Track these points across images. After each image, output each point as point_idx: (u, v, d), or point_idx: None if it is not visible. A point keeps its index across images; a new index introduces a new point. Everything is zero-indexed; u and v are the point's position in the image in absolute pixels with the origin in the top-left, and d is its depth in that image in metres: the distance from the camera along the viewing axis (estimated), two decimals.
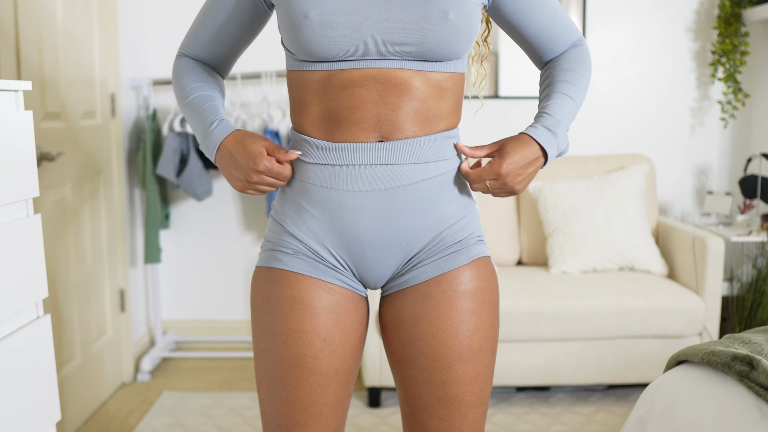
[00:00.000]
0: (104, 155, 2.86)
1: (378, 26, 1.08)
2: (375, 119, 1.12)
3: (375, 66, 1.11)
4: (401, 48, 1.10)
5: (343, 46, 1.08)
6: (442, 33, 1.09)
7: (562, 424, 2.58)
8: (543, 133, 1.15)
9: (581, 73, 1.25)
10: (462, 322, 1.16)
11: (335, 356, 1.16)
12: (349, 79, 1.11)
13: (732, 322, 3.24)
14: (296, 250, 1.17)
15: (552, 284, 2.78)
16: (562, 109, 1.19)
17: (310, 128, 1.15)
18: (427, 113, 1.15)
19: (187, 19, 3.35)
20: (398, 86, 1.12)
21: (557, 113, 1.18)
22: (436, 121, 1.16)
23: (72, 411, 2.52)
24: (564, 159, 3.22)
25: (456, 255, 1.18)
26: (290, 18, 1.09)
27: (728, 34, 3.24)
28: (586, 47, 1.29)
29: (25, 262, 1.32)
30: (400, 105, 1.12)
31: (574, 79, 1.23)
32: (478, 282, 1.18)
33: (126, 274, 3.05)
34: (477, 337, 1.17)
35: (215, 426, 2.58)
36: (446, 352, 1.16)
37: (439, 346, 1.16)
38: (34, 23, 2.28)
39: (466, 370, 1.16)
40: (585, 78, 1.25)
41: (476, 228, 1.22)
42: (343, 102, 1.11)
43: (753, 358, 1.45)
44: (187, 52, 1.29)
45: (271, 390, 1.17)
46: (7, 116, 1.28)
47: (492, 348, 1.20)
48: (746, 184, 3.16)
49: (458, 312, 1.16)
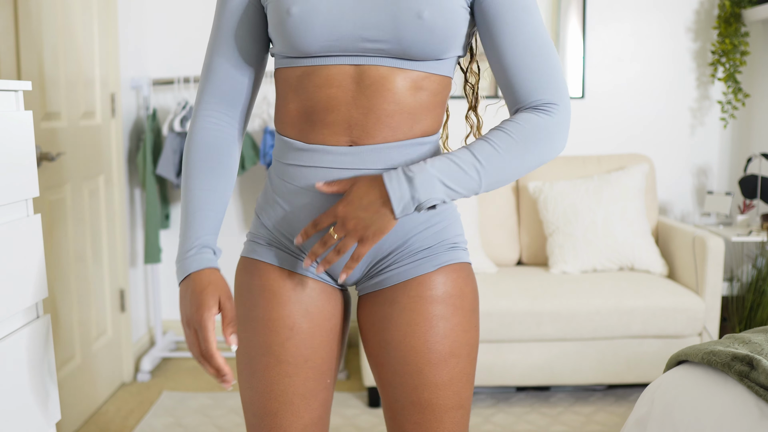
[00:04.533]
0: (104, 155, 2.86)
1: (354, 22, 1.08)
2: (347, 122, 1.11)
3: (353, 63, 1.10)
4: (377, 45, 1.08)
5: (322, 41, 1.08)
6: (416, 32, 1.07)
7: (562, 424, 2.58)
8: (396, 177, 1.05)
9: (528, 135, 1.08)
10: (430, 327, 1.15)
11: (303, 345, 1.17)
12: (327, 77, 1.11)
13: (732, 322, 3.24)
14: (269, 242, 1.20)
15: (552, 284, 2.78)
16: (461, 157, 1.06)
17: (288, 128, 1.16)
18: (401, 117, 1.12)
19: (186, 19, 3.36)
20: (373, 85, 1.10)
21: (444, 161, 1.06)
22: (411, 126, 1.13)
23: (72, 411, 2.52)
24: (564, 159, 3.22)
25: (423, 262, 1.16)
26: (275, 14, 1.11)
27: (728, 34, 3.24)
28: (559, 117, 1.10)
29: (25, 262, 1.32)
30: (373, 108, 1.10)
31: (515, 131, 1.08)
32: (447, 287, 1.16)
33: (126, 274, 3.05)
34: (447, 341, 1.15)
35: (215, 426, 2.58)
36: (415, 357, 1.16)
37: (408, 351, 1.16)
38: (34, 23, 2.28)
39: (438, 374, 1.16)
40: (529, 143, 1.08)
41: (451, 235, 1.19)
42: (318, 103, 1.11)
43: (753, 358, 1.45)
44: (206, 98, 1.19)
45: (243, 378, 1.20)
46: (7, 116, 1.28)
47: (467, 352, 1.18)
48: (746, 184, 3.16)
49: (426, 317, 1.15)
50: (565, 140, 1.12)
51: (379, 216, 1.05)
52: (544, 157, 1.11)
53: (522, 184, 3.19)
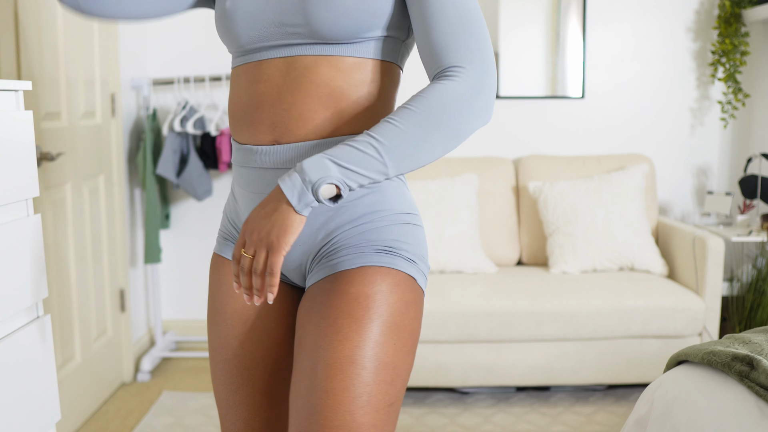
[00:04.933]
0: (104, 155, 2.86)
1: (273, 8, 1.05)
2: (270, 120, 1.08)
3: (281, 55, 1.06)
4: (295, 29, 1.04)
5: (249, 31, 1.07)
6: (324, 10, 1.01)
7: (562, 424, 2.58)
8: (289, 172, 0.98)
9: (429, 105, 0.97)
10: (334, 325, 1.02)
11: (258, 342, 1.16)
12: (258, 72, 1.08)
13: (732, 322, 3.24)
14: (227, 236, 1.22)
15: (552, 284, 2.78)
16: (356, 138, 0.98)
17: (231, 126, 1.17)
18: (326, 112, 1.05)
19: (186, 19, 3.36)
20: (298, 78, 1.05)
21: (339, 146, 0.98)
22: (338, 122, 1.06)
23: (72, 411, 2.52)
24: (564, 159, 3.22)
25: (345, 259, 1.06)
26: (217, 10, 1.12)
27: (728, 34, 3.24)
28: (466, 82, 0.98)
29: (25, 262, 1.32)
30: (296, 103, 1.05)
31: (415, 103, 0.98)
32: (364, 289, 1.03)
33: (126, 274, 3.05)
34: (349, 345, 1.00)
35: (215, 426, 2.58)
36: (315, 355, 1.02)
37: (311, 347, 1.03)
38: (34, 23, 2.28)
39: (331, 380, 0.99)
40: (431, 114, 0.97)
41: (386, 238, 1.07)
42: (248, 100, 1.10)
43: (753, 358, 1.45)
44: None
45: (211, 371, 1.21)
46: (7, 116, 1.28)
47: (375, 367, 1.00)
48: (746, 184, 3.16)
49: (333, 314, 1.02)
50: (481, 108, 0.99)
51: (279, 214, 0.97)
52: (455, 128, 0.98)
53: (522, 184, 3.20)
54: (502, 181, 3.18)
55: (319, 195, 0.96)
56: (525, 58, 3.37)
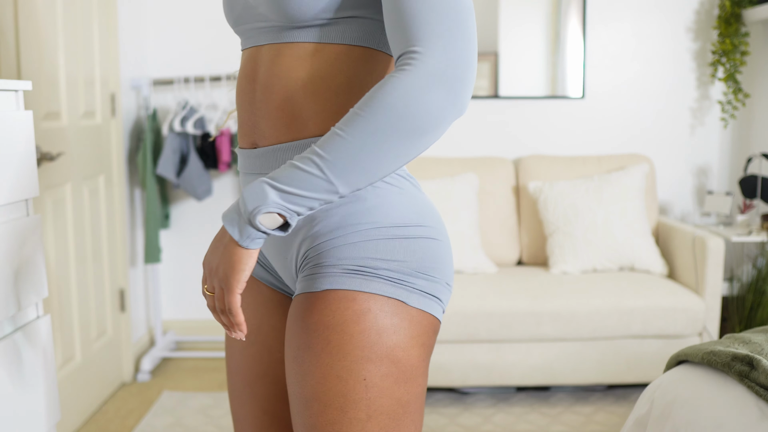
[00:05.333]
0: (104, 155, 2.86)
1: None
2: (250, 122, 0.98)
3: (255, 43, 0.96)
4: (258, 9, 0.93)
5: (232, 12, 0.98)
6: None
7: (562, 424, 2.58)
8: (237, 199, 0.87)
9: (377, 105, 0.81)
10: (295, 357, 0.92)
11: (259, 358, 1.07)
12: (243, 64, 1.00)
13: (732, 322, 3.24)
14: None
15: (552, 284, 2.78)
16: (302, 154, 0.84)
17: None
18: (293, 110, 0.93)
19: (186, 19, 3.36)
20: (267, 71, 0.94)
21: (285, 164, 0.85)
22: (306, 121, 0.93)
23: (72, 411, 2.52)
24: (564, 159, 3.22)
25: (311, 280, 0.93)
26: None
27: (728, 34, 3.24)
28: (422, 69, 0.80)
29: (25, 262, 1.32)
30: (265, 100, 0.94)
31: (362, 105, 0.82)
32: (323, 318, 0.90)
33: (126, 274, 3.05)
34: (311, 381, 0.90)
35: (215, 426, 2.58)
36: (281, 387, 1.00)
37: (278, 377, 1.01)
38: (34, 23, 2.28)
39: (295, 416, 0.93)
40: (379, 115, 0.81)
41: (357, 256, 0.92)
42: (237, 97, 1.01)
43: (753, 358, 1.45)
44: None
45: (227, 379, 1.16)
46: (7, 116, 1.28)
47: (340, 405, 0.89)
48: (746, 184, 3.16)
49: (293, 345, 0.93)
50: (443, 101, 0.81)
51: (226, 250, 0.87)
52: (412, 130, 0.81)
53: (522, 184, 3.20)
54: (502, 181, 3.18)
55: (260, 227, 0.83)
56: (525, 58, 3.37)
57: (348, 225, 0.92)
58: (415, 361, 0.92)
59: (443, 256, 0.96)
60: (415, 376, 0.93)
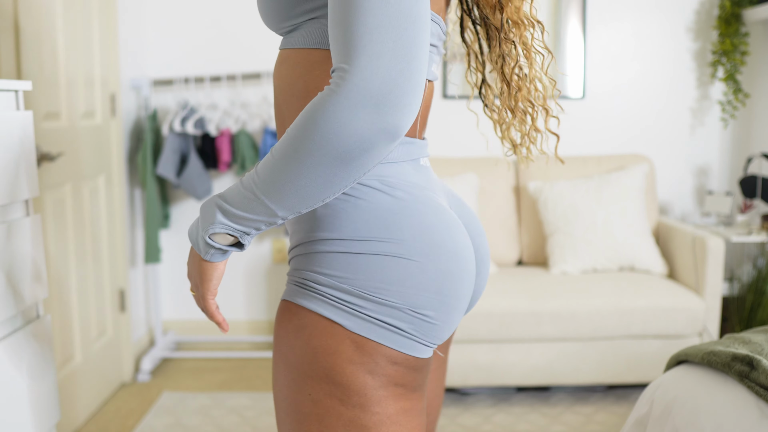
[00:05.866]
0: (104, 155, 2.86)
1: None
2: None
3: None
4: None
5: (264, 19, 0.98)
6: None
7: (562, 424, 2.58)
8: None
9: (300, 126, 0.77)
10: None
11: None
12: None
13: (732, 322, 3.24)
14: None
15: (552, 284, 2.78)
16: (248, 173, 0.83)
17: None
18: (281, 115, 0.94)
19: (186, 19, 3.36)
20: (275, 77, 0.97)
21: (237, 183, 0.84)
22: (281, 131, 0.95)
23: (72, 411, 2.52)
24: (564, 159, 3.22)
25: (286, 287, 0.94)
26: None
27: (728, 34, 3.25)
28: (343, 88, 0.74)
29: (25, 262, 1.32)
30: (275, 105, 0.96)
31: (293, 125, 0.78)
32: (277, 327, 0.91)
33: (126, 274, 3.05)
34: (275, 387, 0.92)
35: (215, 426, 2.58)
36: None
37: None
38: (34, 23, 2.28)
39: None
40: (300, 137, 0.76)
41: (307, 269, 0.88)
42: None
43: (753, 358, 1.45)
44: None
45: None
46: (7, 116, 1.28)
47: (295, 419, 0.89)
48: (746, 184, 3.16)
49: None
50: (369, 124, 0.74)
51: (194, 262, 0.90)
52: (336, 154, 0.75)
53: (522, 184, 3.20)
54: (502, 181, 3.18)
55: (214, 245, 0.84)
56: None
57: (306, 237, 0.90)
58: (363, 389, 0.85)
59: (407, 278, 0.85)
60: (368, 404, 0.86)
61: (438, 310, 0.87)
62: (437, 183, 0.99)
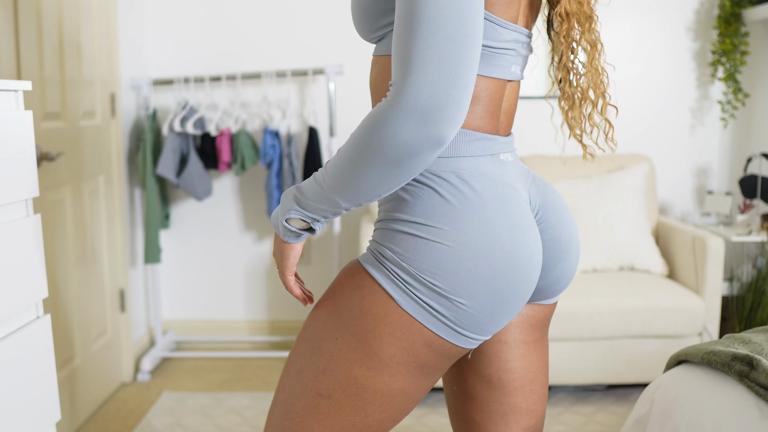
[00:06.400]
0: (104, 155, 2.86)
1: None
2: None
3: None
4: None
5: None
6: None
7: (562, 424, 2.58)
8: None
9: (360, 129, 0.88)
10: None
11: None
12: None
13: (732, 322, 3.24)
14: None
15: None
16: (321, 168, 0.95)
17: None
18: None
19: (186, 19, 3.36)
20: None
21: (312, 175, 0.97)
22: None
23: (72, 411, 2.52)
24: (564, 159, 3.22)
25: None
26: None
27: (728, 34, 3.24)
28: (392, 100, 0.84)
29: (25, 262, 1.32)
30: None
31: (354, 132, 0.90)
32: (339, 275, 1.05)
33: (126, 274, 3.05)
34: (310, 313, 1.07)
35: (215, 426, 2.58)
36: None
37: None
38: (34, 23, 2.28)
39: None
40: (359, 138, 0.88)
41: (383, 241, 0.98)
42: None
43: (753, 358, 1.45)
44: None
45: None
46: (7, 116, 1.28)
47: (311, 345, 1.01)
48: (746, 184, 3.16)
49: None
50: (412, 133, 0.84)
51: (277, 243, 1.04)
52: (387, 156, 0.86)
53: None
54: None
55: (290, 228, 0.98)
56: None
57: (387, 215, 1.00)
58: (387, 359, 0.96)
59: (459, 270, 0.93)
60: (381, 372, 0.96)
61: (482, 305, 0.96)
62: (516, 177, 1.04)
